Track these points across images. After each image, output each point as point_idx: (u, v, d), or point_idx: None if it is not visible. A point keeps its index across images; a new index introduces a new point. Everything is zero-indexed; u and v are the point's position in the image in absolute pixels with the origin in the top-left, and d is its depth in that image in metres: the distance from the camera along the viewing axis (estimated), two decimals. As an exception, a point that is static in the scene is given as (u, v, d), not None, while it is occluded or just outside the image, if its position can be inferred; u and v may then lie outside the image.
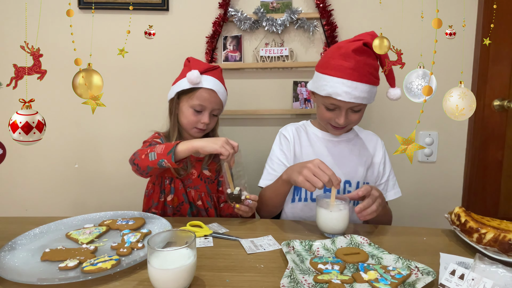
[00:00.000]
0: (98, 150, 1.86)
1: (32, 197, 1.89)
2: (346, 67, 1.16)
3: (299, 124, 1.43)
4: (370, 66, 1.18)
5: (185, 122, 1.35)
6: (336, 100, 1.17)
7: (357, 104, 1.18)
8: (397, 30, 1.65)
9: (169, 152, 1.13)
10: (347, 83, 1.15)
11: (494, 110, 1.76)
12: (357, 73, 1.15)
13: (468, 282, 0.74)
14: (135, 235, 1.00)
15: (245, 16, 1.70)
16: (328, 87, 1.18)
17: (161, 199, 1.37)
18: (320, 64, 1.26)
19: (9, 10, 1.75)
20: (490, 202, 1.84)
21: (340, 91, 1.15)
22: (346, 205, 1.05)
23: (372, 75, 1.19)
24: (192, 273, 0.78)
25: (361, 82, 1.15)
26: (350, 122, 1.24)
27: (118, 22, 1.74)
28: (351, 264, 0.88)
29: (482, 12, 1.67)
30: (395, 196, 1.36)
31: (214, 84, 1.33)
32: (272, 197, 1.27)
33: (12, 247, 0.94)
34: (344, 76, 1.16)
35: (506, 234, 0.91)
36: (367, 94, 1.18)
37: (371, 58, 1.18)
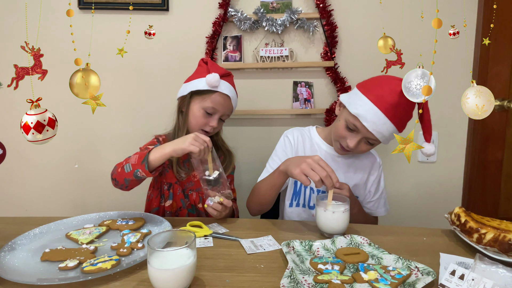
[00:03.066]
0: (98, 150, 1.86)
1: (32, 197, 1.89)
2: (387, 101, 1.15)
3: (305, 130, 1.42)
4: (406, 113, 1.18)
5: (193, 122, 1.32)
6: (360, 124, 1.17)
7: (375, 138, 1.18)
8: (397, 30, 1.65)
9: (143, 161, 1.10)
10: (380, 115, 1.15)
11: (494, 110, 1.76)
12: (393, 111, 1.15)
13: (468, 282, 0.74)
14: (135, 235, 1.00)
15: (245, 16, 1.70)
16: (361, 109, 1.17)
17: (161, 203, 1.36)
18: (365, 84, 1.24)
19: (9, 10, 1.75)
20: (490, 202, 1.84)
21: (369, 118, 1.15)
22: (346, 206, 1.05)
23: (404, 121, 1.19)
24: (192, 273, 0.78)
25: (391, 121, 1.15)
26: (358, 150, 1.24)
27: (118, 22, 1.75)
28: (351, 264, 0.88)
29: (482, 12, 1.68)
30: (385, 213, 1.40)
31: (230, 91, 1.32)
32: (266, 188, 1.24)
33: (12, 247, 0.94)
34: (381, 107, 1.15)
35: (506, 234, 0.91)
36: (388, 134, 1.18)
37: (411, 107, 1.18)
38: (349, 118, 1.20)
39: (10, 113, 1.81)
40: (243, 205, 1.42)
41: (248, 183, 1.31)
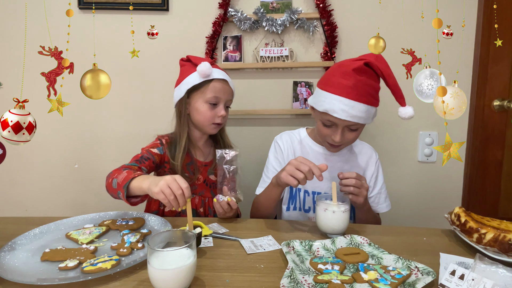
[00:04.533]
0: (98, 150, 1.86)
1: (32, 197, 1.89)
2: (345, 85, 1.15)
3: (294, 133, 1.43)
4: (370, 87, 1.16)
5: (201, 119, 1.30)
6: (333, 117, 1.16)
7: (353, 123, 1.17)
8: (397, 30, 1.65)
9: (124, 186, 1.05)
10: (345, 101, 1.14)
11: (494, 110, 1.76)
12: (355, 92, 1.14)
13: (468, 282, 0.74)
14: (135, 235, 1.00)
15: (245, 16, 1.70)
16: (326, 104, 1.17)
17: (160, 207, 1.33)
18: (322, 80, 1.25)
19: (9, 11, 1.75)
20: (490, 202, 1.84)
21: (337, 109, 1.14)
22: (346, 206, 1.05)
23: (371, 96, 1.17)
24: (192, 273, 0.78)
25: (359, 102, 1.14)
26: (346, 140, 1.23)
27: (118, 22, 1.74)
28: (351, 264, 0.88)
29: (482, 12, 1.68)
30: (387, 209, 1.37)
31: (224, 75, 1.31)
32: (264, 201, 1.27)
33: (12, 247, 0.94)
34: (342, 94, 1.14)
35: (506, 234, 0.91)
36: (364, 114, 1.16)
37: (372, 79, 1.17)
38: (322, 116, 1.21)
39: (10, 113, 1.81)
40: (243, 205, 1.42)
41: (248, 183, 1.31)
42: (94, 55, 1.00)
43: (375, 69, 1.16)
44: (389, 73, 1.16)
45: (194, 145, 1.38)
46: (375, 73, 1.17)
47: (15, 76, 1.75)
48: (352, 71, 1.14)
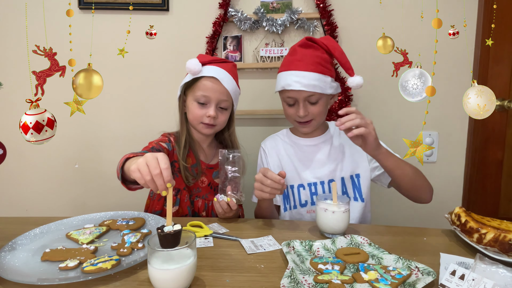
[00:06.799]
0: (98, 150, 1.86)
1: (32, 197, 1.89)
2: (293, 60, 1.25)
3: (278, 134, 1.46)
4: (317, 57, 1.23)
5: (190, 117, 1.29)
6: (290, 91, 1.24)
7: (311, 93, 1.22)
8: (397, 30, 1.65)
9: (120, 168, 1.00)
10: (295, 73, 1.22)
11: (495, 110, 1.75)
12: (303, 63, 1.22)
13: (469, 282, 0.74)
14: (135, 235, 1.00)
15: (245, 16, 1.70)
16: (282, 81, 1.26)
17: (164, 206, 1.29)
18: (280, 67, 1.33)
19: (9, 11, 1.75)
20: (490, 202, 1.84)
21: (291, 82, 1.22)
22: (346, 205, 1.05)
23: (321, 64, 1.23)
24: (192, 273, 0.78)
25: (308, 71, 1.21)
26: (311, 114, 1.27)
27: (118, 22, 1.75)
28: (351, 264, 0.88)
29: (482, 12, 1.68)
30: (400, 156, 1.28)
31: (216, 72, 1.24)
32: (258, 212, 1.31)
33: (12, 247, 0.94)
34: (291, 68, 1.24)
35: (506, 234, 0.91)
36: (317, 82, 1.21)
37: (319, 51, 1.24)
38: (283, 96, 1.30)
39: (10, 113, 1.81)
40: (246, 206, 1.42)
41: (249, 183, 1.31)
42: (90, 55, 0.99)
43: (318, 43, 1.24)
44: (334, 46, 1.24)
45: (199, 147, 1.36)
46: (320, 47, 1.24)
47: (15, 76, 1.75)
48: (298, 47, 1.27)
